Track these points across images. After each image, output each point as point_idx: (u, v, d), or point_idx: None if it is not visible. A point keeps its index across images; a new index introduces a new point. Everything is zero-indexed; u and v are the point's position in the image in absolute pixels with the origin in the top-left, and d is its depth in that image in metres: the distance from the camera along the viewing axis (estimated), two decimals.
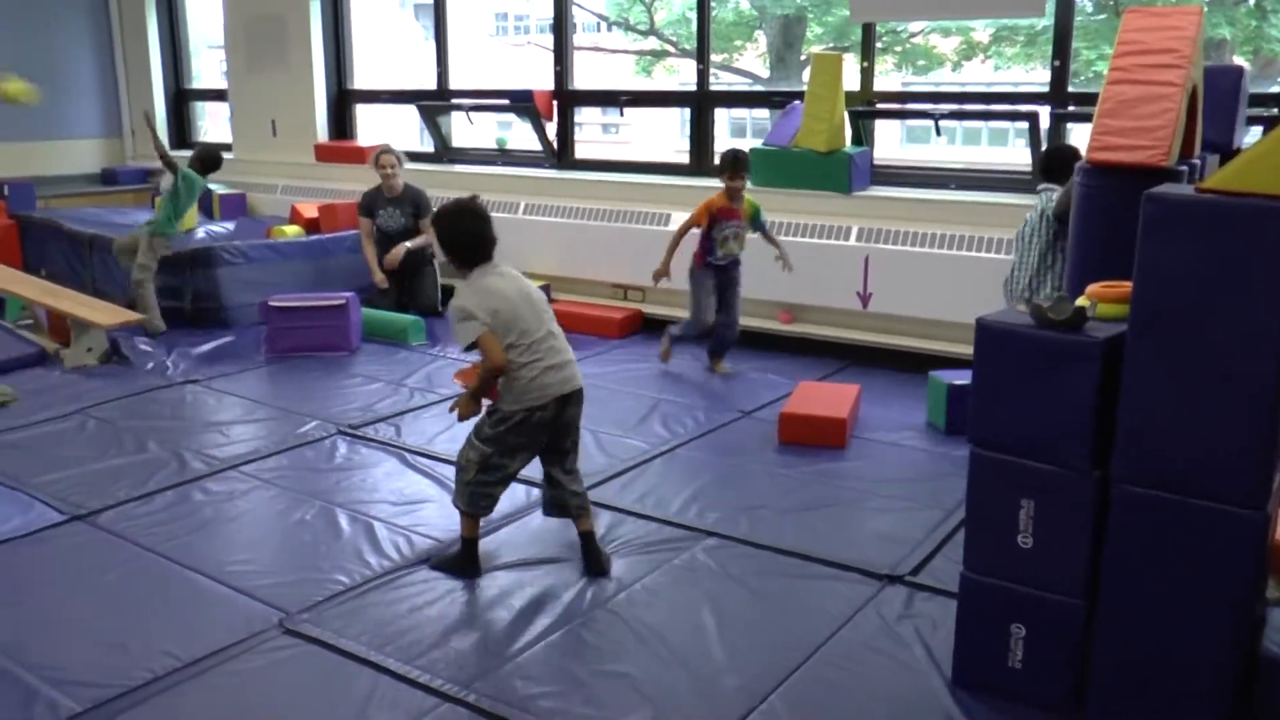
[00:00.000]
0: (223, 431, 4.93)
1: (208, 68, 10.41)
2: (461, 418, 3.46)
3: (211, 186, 8.67)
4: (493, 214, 3.65)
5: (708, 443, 4.81)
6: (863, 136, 6.47)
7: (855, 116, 6.37)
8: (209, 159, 6.96)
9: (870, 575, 3.51)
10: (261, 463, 4.53)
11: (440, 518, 3.95)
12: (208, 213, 8.60)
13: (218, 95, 9.88)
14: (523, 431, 3.45)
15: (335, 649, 3.07)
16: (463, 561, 3.56)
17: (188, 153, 9.75)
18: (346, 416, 5.11)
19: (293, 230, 7.74)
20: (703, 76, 7.02)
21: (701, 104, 7.07)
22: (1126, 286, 2.62)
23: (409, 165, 7.38)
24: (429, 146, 8.47)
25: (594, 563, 3.56)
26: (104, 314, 6.17)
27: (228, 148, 9.50)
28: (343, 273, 7.25)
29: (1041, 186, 4.90)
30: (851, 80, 6.34)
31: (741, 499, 4.16)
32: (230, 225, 8.13)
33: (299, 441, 4.77)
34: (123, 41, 10.08)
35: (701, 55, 7.03)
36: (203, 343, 6.40)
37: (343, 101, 8.79)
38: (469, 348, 3.40)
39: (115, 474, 4.41)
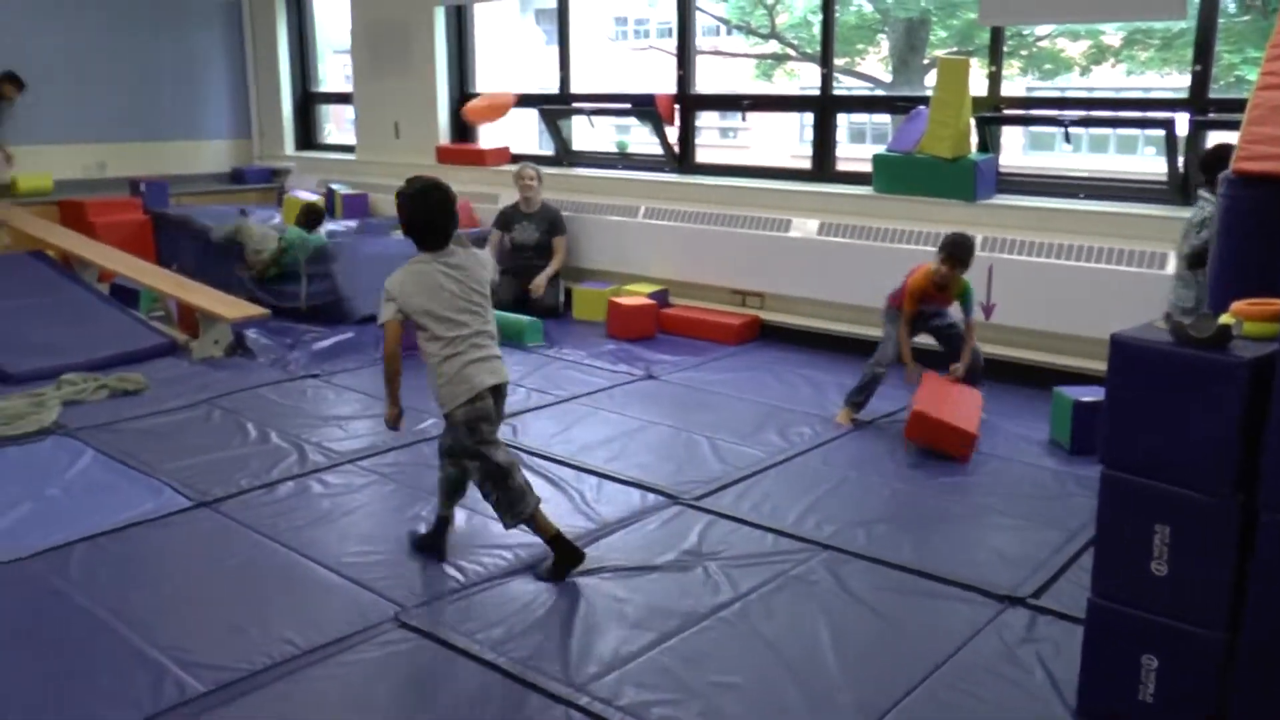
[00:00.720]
0: (341, 426, 5.02)
1: (332, 71, 10.68)
2: (388, 423, 3.64)
3: (334, 187, 8.91)
4: (613, 218, 3.65)
5: (825, 453, 4.74)
6: (988, 143, 6.32)
7: (981, 122, 6.22)
8: (314, 217, 7.45)
9: (991, 596, 3.41)
10: (379, 458, 4.61)
11: (554, 518, 3.93)
12: (331, 212, 8.78)
13: (342, 98, 10.14)
14: (483, 420, 3.48)
15: (448, 644, 3.10)
16: (566, 557, 3.54)
17: (314, 153, 10.10)
18: None
19: None
20: (826, 80, 6.94)
21: (824, 108, 6.99)
22: (1276, 305, 2.49)
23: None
24: (548, 150, 8.54)
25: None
26: (230, 308, 6.35)
27: (350, 149, 9.75)
28: None
29: (1202, 194, 4.67)
30: (977, 85, 6.20)
31: (859, 512, 4.08)
32: (352, 224, 8.30)
33: (416, 438, 4.83)
34: (254, 47, 10.40)
35: (825, 59, 6.95)
36: (323, 338, 6.53)
37: (465, 104, 8.90)
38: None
39: (239, 463, 4.53)
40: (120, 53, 9.55)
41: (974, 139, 6.21)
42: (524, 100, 8.63)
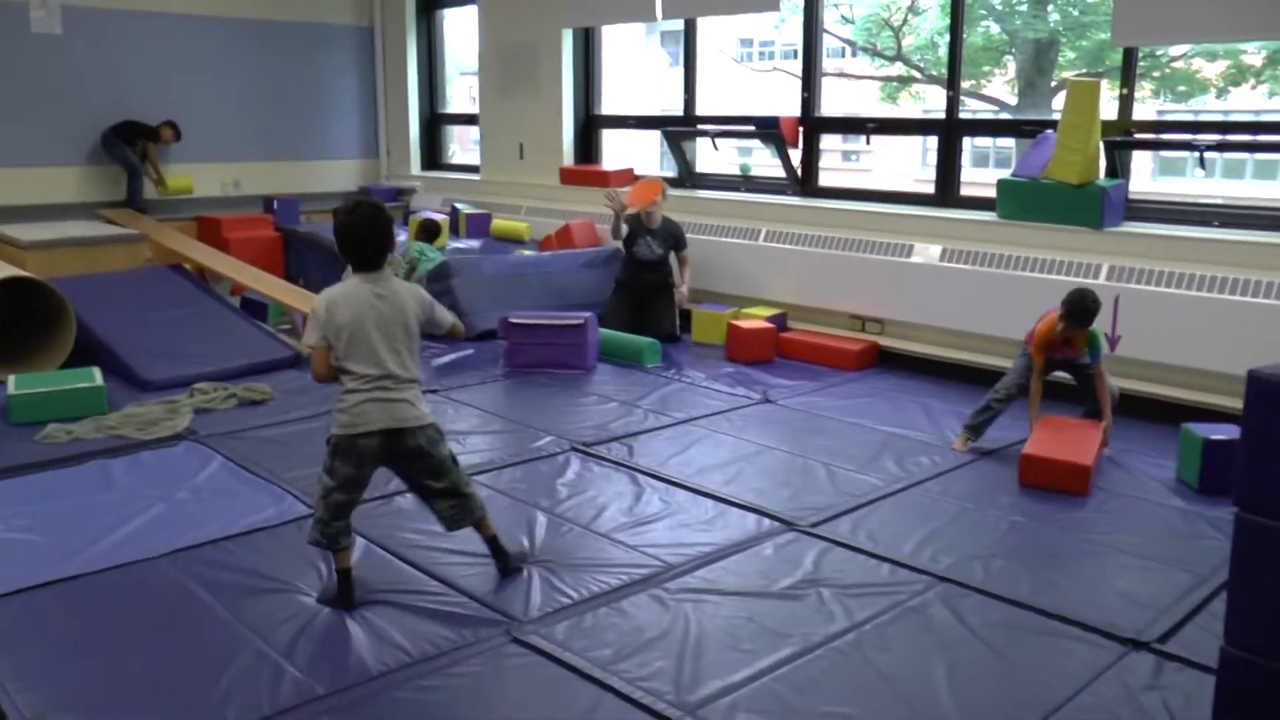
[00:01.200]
0: (460, 440, 5.10)
1: (458, 93, 10.92)
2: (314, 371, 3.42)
3: (458, 206, 9.09)
4: (733, 240, 3.64)
5: (943, 483, 4.64)
6: (1118, 168, 6.15)
7: (1110, 147, 6.06)
8: (432, 229, 7.83)
9: (1114, 638, 3.29)
10: (496, 473, 4.67)
11: (669, 539, 3.97)
12: (455, 231, 8.97)
13: (468, 119, 10.36)
14: (349, 459, 3.36)
15: (561, 662, 3.11)
16: (339, 592, 3.46)
17: (439, 173, 10.34)
18: (580, 434, 5.20)
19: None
20: (952, 103, 6.84)
21: (950, 131, 6.89)
22: None
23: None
24: (669, 171, 8.58)
25: (504, 559, 3.64)
26: None
27: (475, 169, 9.94)
28: (581, 292, 7.41)
29: None
30: (1106, 108, 6.03)
31: (977, 545, 3.99)
32: (475, 243, 8.46)
33: (533, 455, 4.88)
34: (384, 70, 10.70)
35: (952, 81, 6.85)
36: (442, 354, 6.67)
37: (589, 126, 9.03)
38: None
39: None
40: (257, 76, 9.94)
41: (1102, 164, 6.06)
42: (648, 122, 8.71)
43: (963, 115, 6.95)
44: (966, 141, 7.11)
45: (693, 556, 3.83)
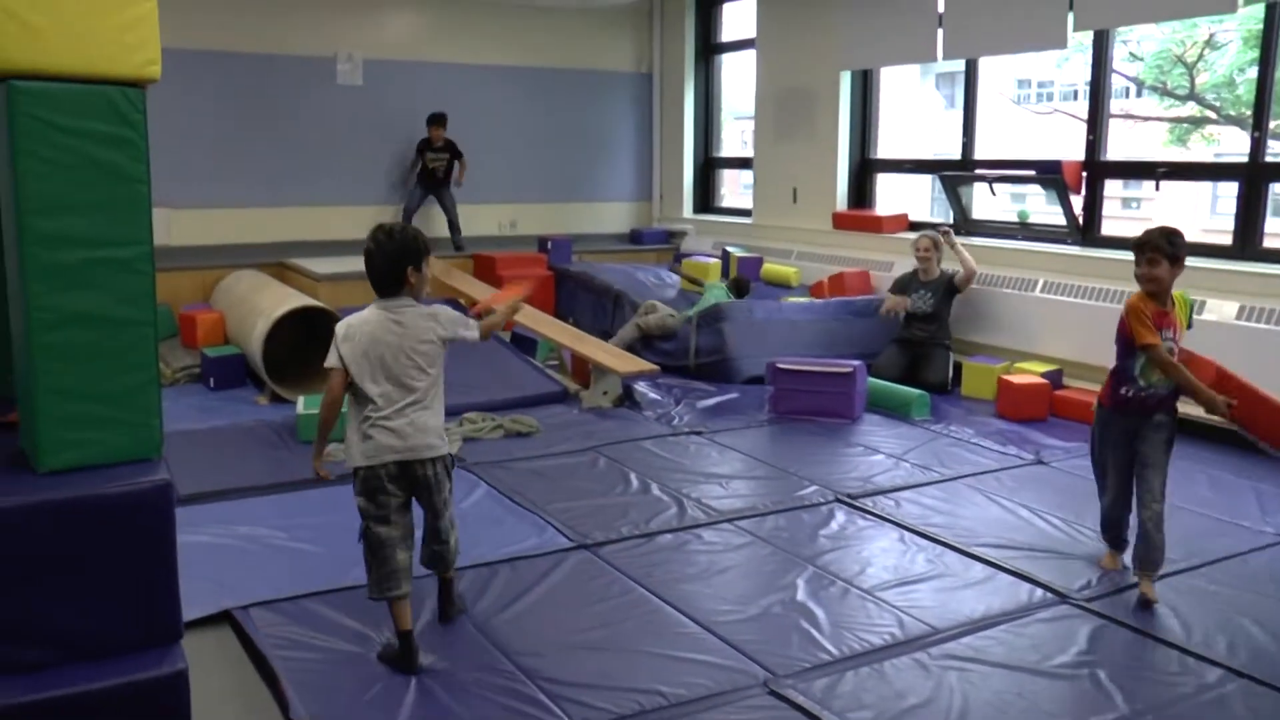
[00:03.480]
0: (722, 484, 5.08)
1: (729, 137, 11.01)
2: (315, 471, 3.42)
3: (729, 249, 9.15)
4: (1008, 290, 3.45)
5: (1240, 564, 4.23)
6: None
7: None
8: (743, 286, 7.95)
9: None
10: (758, 520, 4.61)
11: (935, 601, 3.79)
12: (725, 274, 9.02)
13: (741, 163, 10.42)
14: (371, 490, 3.27)
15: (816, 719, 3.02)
16: (399, 656, 3.30)
17: (711, 216, 10.46)
18: (845, 485, 5.07)
19: (802, 299, 7.97)
20: (1256, 145, 6.29)
21: (1255, 177, 6.33)
22: None
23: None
24: (941, 216, 8.34)
25: (447, 606, 3.59)
26: (621, 362, 6.63)
27: (746, 212, 9.99)
28: (850, 340, 7.29)
29: None
30: None
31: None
32: None
33: (796, 504, 4.80)
34: (661, 114, 10.94)
35: (1258, 121, 6.31)
36: (708, 397, 6.68)
37: (864, 170, 8.90)
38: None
39: (620, 510, 4.68)
40: (539, 122, 10.40)
41: None
42: (924, 165, 8.51)
43: (1270, 159, 6.38)
44: (1273, 188, 6.52)
45: (959, 622, 3.64)
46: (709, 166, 10.85)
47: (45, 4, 2.32)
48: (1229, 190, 6.55)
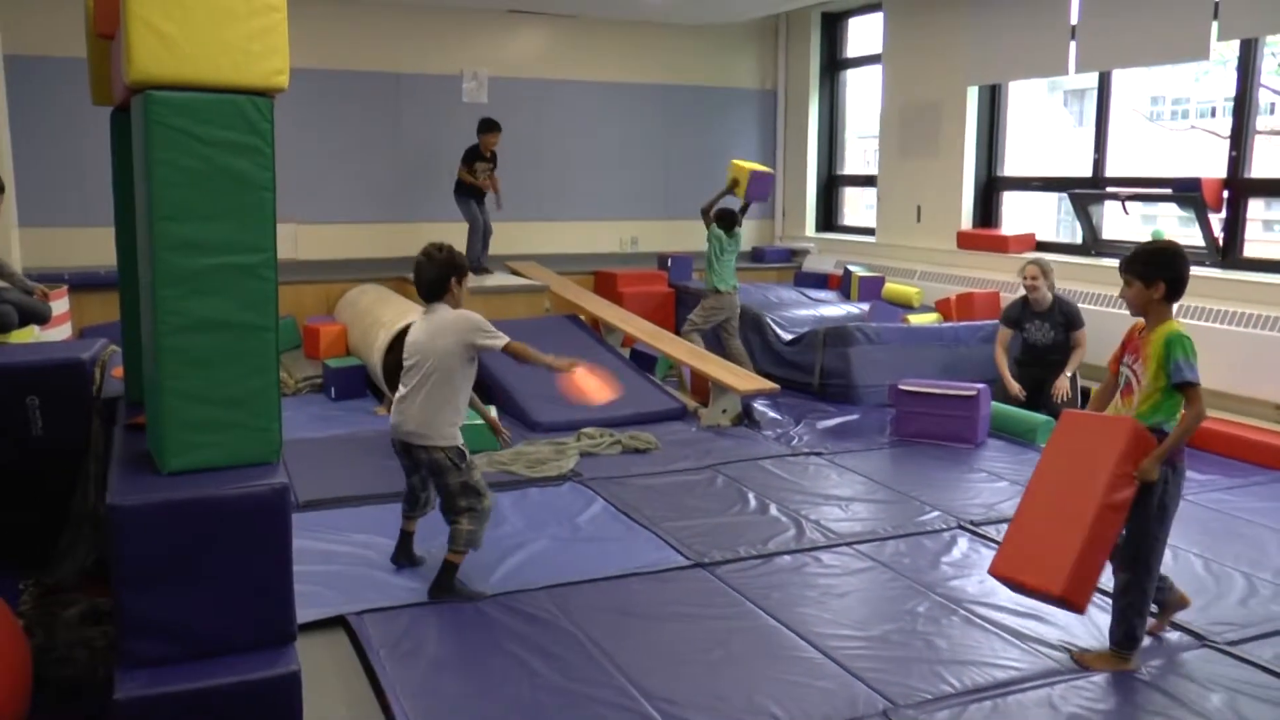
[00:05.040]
0: (841, 506, 4.96)
1: (852, 155, 10.85)
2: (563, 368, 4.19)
3: (851, 268, 8.99)
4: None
5: None
6: None
7: None
8: (727, 218, 7.86)
9: None
10: (878, 544, 4.48)
11: (1062, 636, 3.61)
12: (846, 294, 8.89)
13: (865, 180, 10.26)
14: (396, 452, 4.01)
15: None
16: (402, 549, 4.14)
17: (833, 235, 10.33)
18: (968, 511, 4.91)
19: (931, 317, 7.78)
20: None
21: None
22: None
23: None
24: (1067, 236, 8.06)
25: (436, 584, 3.88)
26: (741, 380, 6.55)
27: (868, 231, 9.82)
28: (974, 364, 7.08)
29: None
30: None
31: None
32: (865, 306, 8.33)
33: (917, 529, 4.65)
34: (785, 131, 10.86)
35: None
36: (829, 417, 6.56)
37: (990, 188, 8.67)
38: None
39: (737, 530, 4.60)
40: (661, 139, 10.43)
41: None
42: (1053, 183, 8.26)
43: None
44: None
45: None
46: (832, 184, 10.72)
47: (178, 14, 2.36)
48: None
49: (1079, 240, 7.90)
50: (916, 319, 7.75)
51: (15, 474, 3.74)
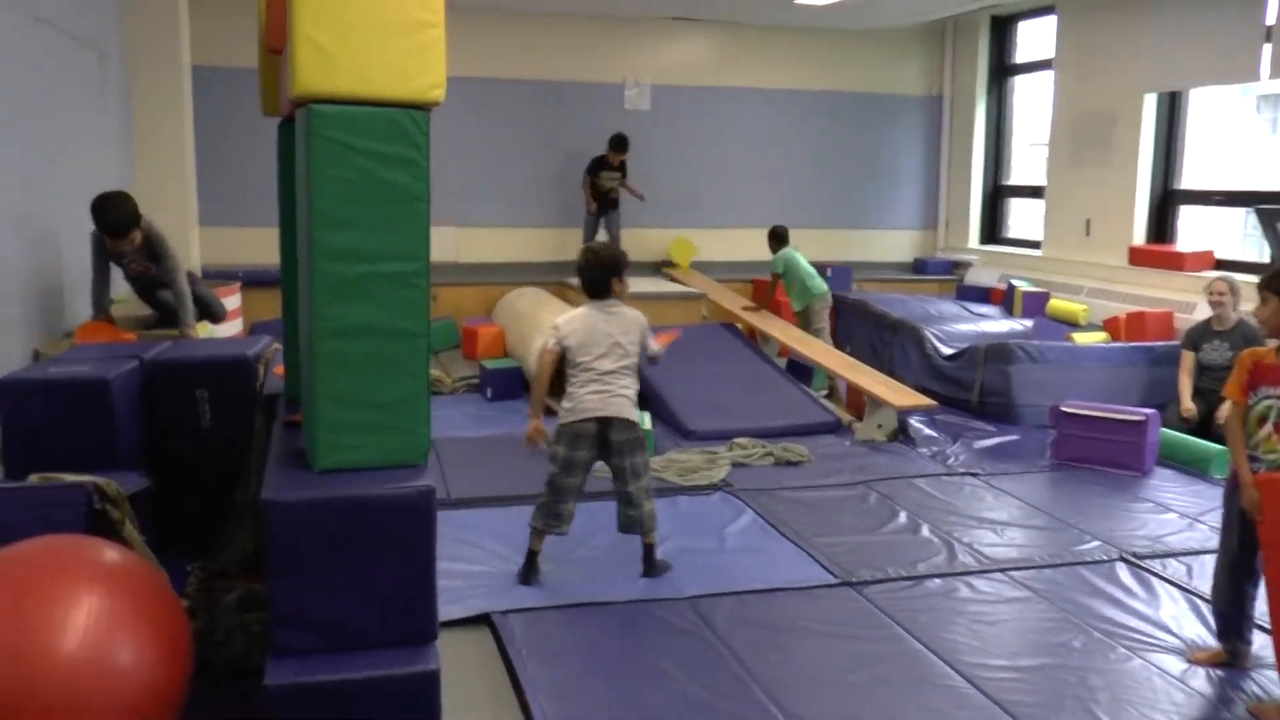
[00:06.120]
0: (997, 530, 4.80)
1: (1020, 165, 10.48)
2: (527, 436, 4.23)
3: (1015, 282, 8.72)
4: None
5: None
6: None
7: None
8: (780, 235, 8.16)
9: None
10: (1034, 572, 4.31)
11: (1231, 685, 3.40)
12: (1008, 309, 8.61)
13: (1032, 191, 9.92)
14: (574, 442, 4.03)
15: None
16: (525, 569, 4.09)
17: (997, 247, 10.04)
18: (1132, 543, 4.67)
19: (1099, 336, 7.47)
20: None
21: None
22: None
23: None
24: (1254, 255, 7.61)
25: (648, 567, 4.16)
26: (898, 395, 6.41)
27: (1034, 244, 9.48)
28: (1143, 387, 6.76)
29: None
30: None
31: None
32: (1028, 323, 8.05)
33: (1076, 559, 4.46)
34: (950, 139, 10.60)
35: None
36: (987, 437, 6.36)
37: (1166, 202, 8.27)
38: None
39: (887, 549, 4.51)
40: (822, 146, 10.34)
41: None
42: (1237, 198, 7.82)
43: None
44: None
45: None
46: (997, 195, 10.40)
47: (341, 30, 2.43)
48: None
49: (1266, 259, 7.44)
50: (1082, 338, 7.43)
51: (185, 463, 3.94)
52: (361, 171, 2.52)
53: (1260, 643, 3.47)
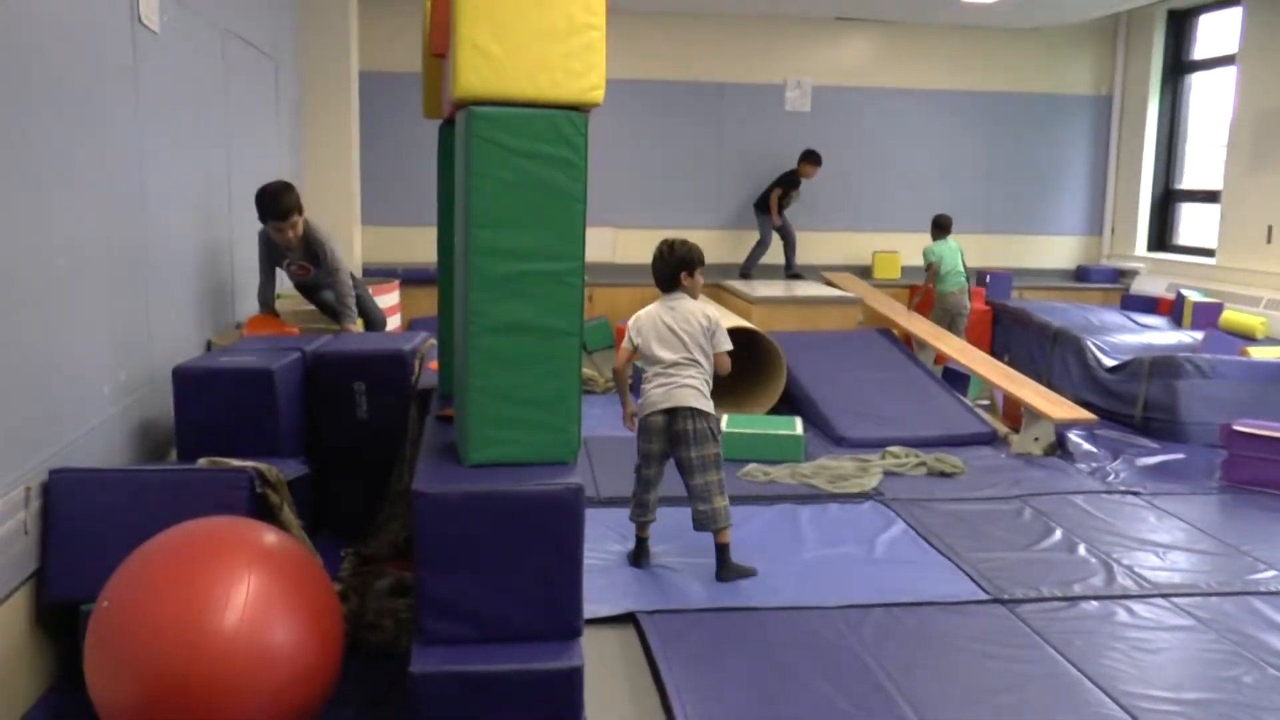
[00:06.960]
0: (1159, 553, 4.58)
1: (1196, 168, 9.97)
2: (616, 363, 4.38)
3: (1185, 292, 8.35)
4: None
5: None
6: None
7: None
8: (944, 224, 8.43)
9: None
10: (1199, 599, 4.08)
11: None
12: (1177, 320, 8.24)
13: (1206, 196, 9.44)
14: (645, 435, 4.15)
15: None
16: (634, 552, 4.28)
17: (1166, 255, 9.62)
18: None
19: (1278, 351, 7.07)
20: None
21: None
22: None
23: None
24: None
25: (721, 569, 4.12)
26: (1057, 407, 6.19)
27: (1207, 252, 9.04)
28: None
29: None
30: None
31: None
32: (1198, 335, 7.68)
33: (1247, 588, 4.21)
34: (1119, 141, 10.18)
35: None
36: (1150, 455, 6.07)
37: None
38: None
39: (1042, 567, 4.35)
40: (984, 149, 10.07)
41: None
42: None
43: None
44: None
45: None
46: (1168, 199, 9.94)
47: (503, 34, 2.47)
48: None
49: None
50: (1259, 352, 7.03)
51: (342, 452, 4.08)
52: (520, 171, 2.56)
53: None
